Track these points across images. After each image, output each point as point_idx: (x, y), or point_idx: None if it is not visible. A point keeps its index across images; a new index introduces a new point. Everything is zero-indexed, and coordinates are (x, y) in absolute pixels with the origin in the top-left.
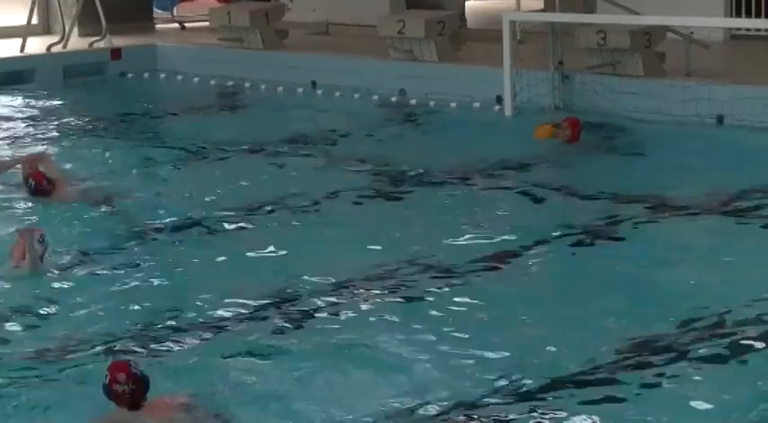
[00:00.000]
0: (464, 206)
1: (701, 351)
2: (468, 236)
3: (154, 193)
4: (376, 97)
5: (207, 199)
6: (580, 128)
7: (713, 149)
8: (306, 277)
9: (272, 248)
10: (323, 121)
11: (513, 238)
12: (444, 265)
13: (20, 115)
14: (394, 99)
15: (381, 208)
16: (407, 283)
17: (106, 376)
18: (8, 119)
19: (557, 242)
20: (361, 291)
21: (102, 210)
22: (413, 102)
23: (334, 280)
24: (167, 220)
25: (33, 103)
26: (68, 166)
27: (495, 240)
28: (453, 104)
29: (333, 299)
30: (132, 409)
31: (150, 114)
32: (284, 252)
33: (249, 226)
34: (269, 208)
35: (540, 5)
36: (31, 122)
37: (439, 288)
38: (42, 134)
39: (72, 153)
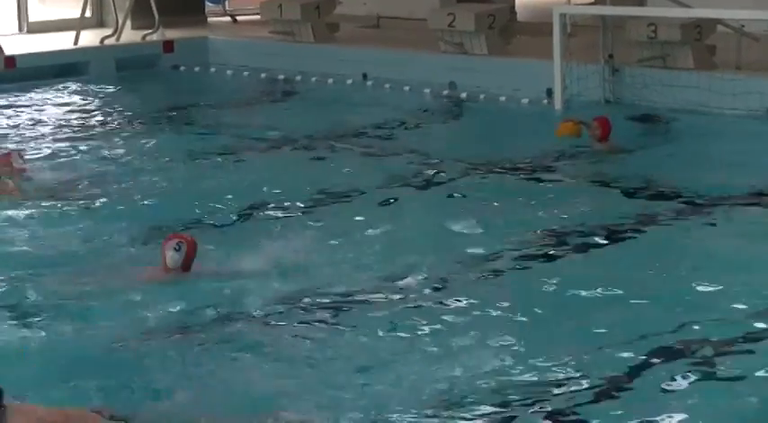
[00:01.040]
0: (512, 197)
1: None
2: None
3: (202, 184)
4: (427, 90)
5: (258, 189)
6: (610, 127)
7: (763, 142)
8: (363, 270)
9: (327, 237)
10: (373, 114)
11: (576, 227)
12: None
13: (74, 107)
14: (445, 92)
15: (431, 200)
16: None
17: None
18: (63, 109)
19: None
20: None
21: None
22: (463, 95)
23: (388, 272)
24: (215, 211)
25: (87, 94)
26: (120, 156)
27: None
28: (503, 98)
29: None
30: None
31: (201, 107)
32: (337, 241)
33: (298, 215)
34: (319, 197)
35: None
36: (85, 114)
37: (519, 269)
38: (95, 125)
39: (123, 143)
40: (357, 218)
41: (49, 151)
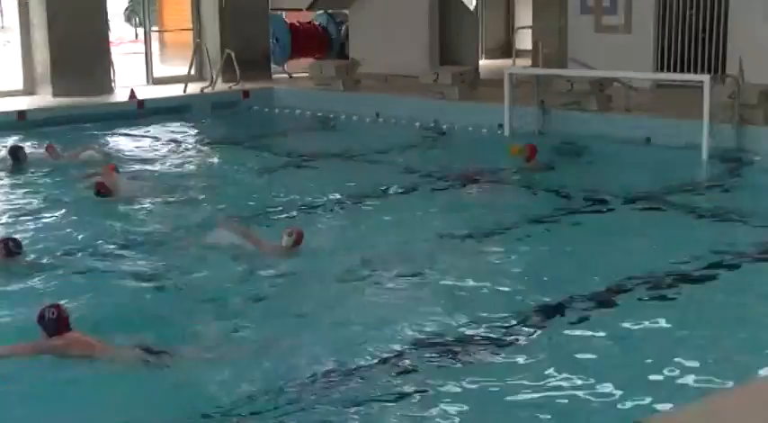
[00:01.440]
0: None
1: None
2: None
3: (268, 187)
4: (417, 124)
5: (308, 189)
6: (536, 152)
7: (642, 161)
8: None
9: (360, 223)
10: (383, 140)
11: (509, 217)
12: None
13: (182, 134)
14: (431, 125)
15: (430, 200)
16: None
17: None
18: (174, 136)
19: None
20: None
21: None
22: (443, 126)
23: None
24: (279, 205)
25: (191, 126)
26: (214, 166)
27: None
28: (470, 128)
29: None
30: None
31: (268, 135)
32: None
33: (337, 209)
34: (350, 194)
35: (529, 63)
36: (189, 139)
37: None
38: (195, 146)
39: (216, 159)
40: (370, 206)
41: (163, 163)
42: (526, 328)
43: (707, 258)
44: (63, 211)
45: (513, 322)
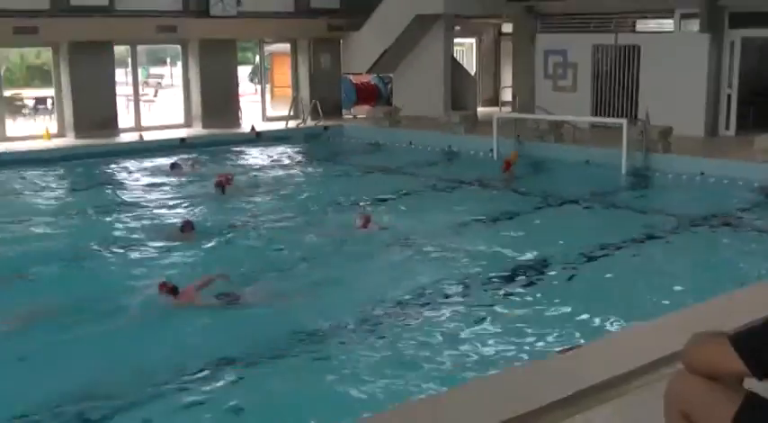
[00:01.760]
0: (468, 192)
1: None
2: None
3: (342, 189)
4: (437, 149)
5: (370, 190)
6: (510, 164)
7: (583, 175)
8: None
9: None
10: (415, 159)
11: (490, 209)
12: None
13: (284, 154)
14: (446, 149)
15: (440, 204)
16: None
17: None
18: (280, 156)
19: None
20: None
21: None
22: (455, 150)
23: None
24: (349, 201)
25: (290, 150)
26: (306, 175)
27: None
28: (472, 152)
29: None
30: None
31: (340, 153)
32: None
33: (391, 204)
34: (399, 193)
35: (510, 109)
36: (289, 159)
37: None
38: (293, 163)
39: (309, 171)
40: (419, 202)
41: (273, 172)
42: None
43: (627, 235)
44: (202, 201)
45: (512, 274)
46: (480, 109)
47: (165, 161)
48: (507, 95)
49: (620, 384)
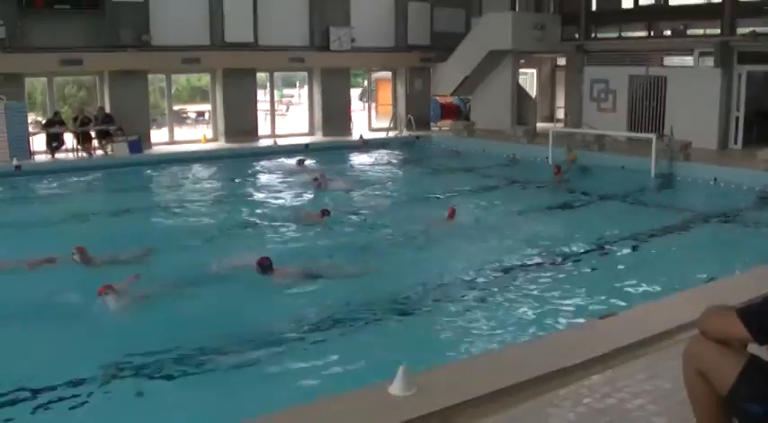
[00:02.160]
0: (535, 191)
1: None
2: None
3: (429, 187)
4: (504, 156)
5: (450, 187)
6: (560, 170)
7: (619, 178)
8: None
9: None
10: (487, 163)
11: (547, 202)
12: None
13: (386, 158)
14: (511, 156)
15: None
16: None
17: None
18: (382, 159)
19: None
20: None
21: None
22: (518, 157)
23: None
24: (432, 198)
25: (390, 154)
26: (398, 176)
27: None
28: (531, 159)
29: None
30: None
31: (426, 157)
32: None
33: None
34: (468, 191)
35: (562, 125)
36: (390, 160)
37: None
38: (393, 164)
39: (402, 173)
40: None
41: (377, 172)
42: (562, 257)
43: (655, 225)
44: (304, 193)
45: (555, 253)
46: (539, 124)
47: (292, 161)
48: (560, 114)
49: (647, 346)
